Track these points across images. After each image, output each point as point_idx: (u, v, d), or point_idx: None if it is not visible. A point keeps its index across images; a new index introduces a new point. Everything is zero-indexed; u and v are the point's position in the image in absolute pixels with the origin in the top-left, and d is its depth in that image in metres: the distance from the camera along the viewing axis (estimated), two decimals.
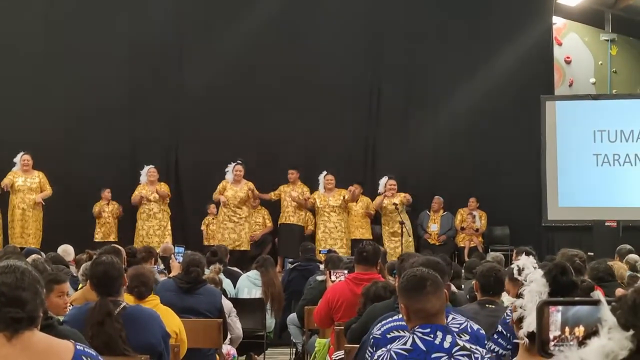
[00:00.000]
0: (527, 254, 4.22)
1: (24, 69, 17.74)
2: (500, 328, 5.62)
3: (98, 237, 16.59)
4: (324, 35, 18.42)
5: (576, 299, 2.59)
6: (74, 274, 9.77)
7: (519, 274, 3.95)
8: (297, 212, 16.88)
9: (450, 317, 5.07)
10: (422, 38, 18.65)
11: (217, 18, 18.26)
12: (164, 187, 16.51)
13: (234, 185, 16.11)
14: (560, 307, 2.36)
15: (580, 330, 2.31)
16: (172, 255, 10.18)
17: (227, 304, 8.56)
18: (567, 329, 2.32)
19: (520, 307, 3.75)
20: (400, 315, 4.76)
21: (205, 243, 16.56)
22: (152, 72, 18.09)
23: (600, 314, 2.04)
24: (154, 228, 16.26)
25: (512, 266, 4.16)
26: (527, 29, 18.52)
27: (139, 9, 18.16)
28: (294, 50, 18.36)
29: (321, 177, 16.66)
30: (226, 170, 16.25)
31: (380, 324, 5.13)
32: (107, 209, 16.80)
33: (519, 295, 3.84)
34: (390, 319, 5.09)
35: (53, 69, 17.75)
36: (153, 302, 6.65)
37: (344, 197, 16.46)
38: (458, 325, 5.03)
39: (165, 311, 6.56)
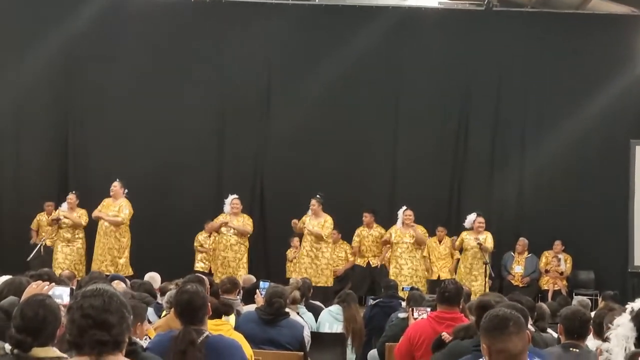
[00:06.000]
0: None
1: (123, 106, 18.38)
2: None
3: (199, 266, 16.85)
4: (411, 76, 18.57)
5: None
6: (159, 302, 9.87)
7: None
8: (374, 251, 16.90)
9: None
10: (510, 81, 18.61)
11: (308, 54, 18.59)
12: (246, 221, 16.46)
13: (313, 219, 16.07)
14: None
15: None
16: (258, 290, 10.22)
17: None
18: None
19: (607, 351, 3.69)
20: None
21: (287, 276, 16.58)
22: (240, 108, 18.59)
23: None
24: (229, 259, 16.12)
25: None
26: (618, 73, 18.27)
27: (232, 44, 18.52)
28: (379, 90, 18.58)
29: (400, 212, 16.55)
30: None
31: None
32: (208, 241, 17.09)
33: (605, 339, 3.78)
34: None
35: (148, 102, 18.39)
36: (225, 327, 6.67)
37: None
38: None
39: (238, 338, 6.55)
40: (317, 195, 16.00)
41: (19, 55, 18.18)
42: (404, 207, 16.53)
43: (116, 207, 15.97)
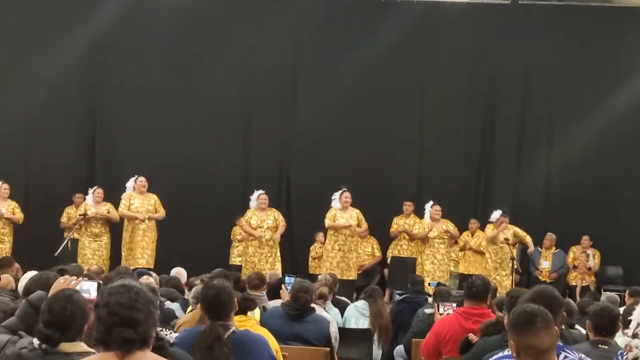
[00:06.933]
0: None
1: (149, 98, 18.38)
2: None
3: (237, 260, 16.74)
4: (437, 68, 18.57)
5: None
6: (186, 297, 9.89)
7: None
8: (409, 244, 16.67)
9: (562, 354, 4.94)
10: (537, 73, 18.55)
11: (334, 47, 18.54)
12: (279, 217, 16.27)
13: (343, 213, 15.87)
14: None
15: None
16: (283, 285, 10.21)
17: None
18: None
19: (636, 347, 3.65)
20: (509, 352, 4.66)
21: (311, 272, 16.49)
22: (266, 101, 18.59)
23: None
24: (266, 255, 15.90)
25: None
26: None
27: (258, 37, 18.50)
28: (406, 83, 18.54)
29: (428, 207, 16.43)
30: (332, 198, 15.96)
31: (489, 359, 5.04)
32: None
33: (634, 335, 3.75)
34: (500, 354, 4.99)
35: (175, 96, 18.42)
36: (250, 322, 6.65)
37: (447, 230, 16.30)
38: None
39: (264, 333, 6.52)
40: (345, 189, 15.82)
41: (47, 50, 18.20)
42: (432, 202, 16.45)
43: (150, 202, 16.00)
